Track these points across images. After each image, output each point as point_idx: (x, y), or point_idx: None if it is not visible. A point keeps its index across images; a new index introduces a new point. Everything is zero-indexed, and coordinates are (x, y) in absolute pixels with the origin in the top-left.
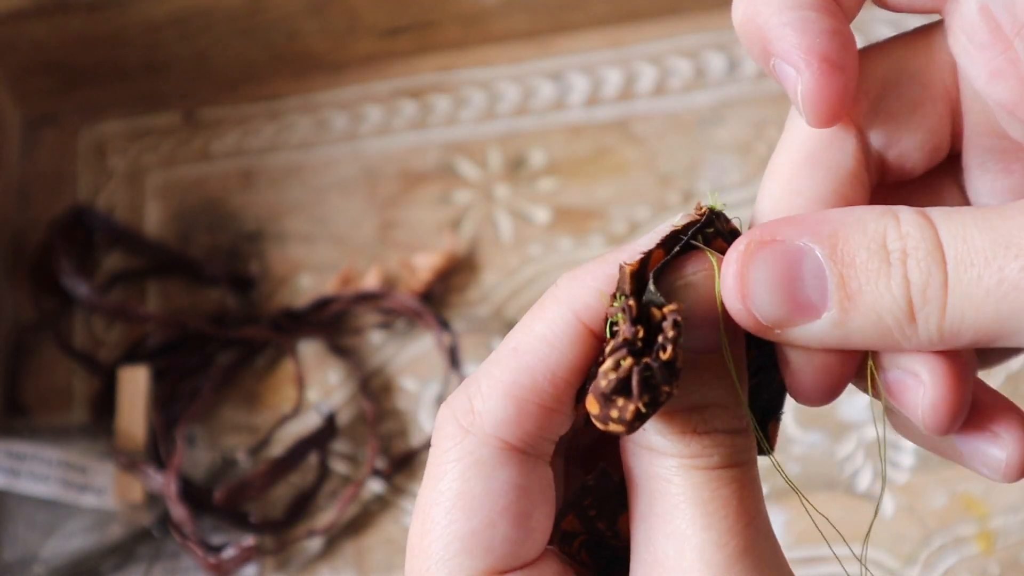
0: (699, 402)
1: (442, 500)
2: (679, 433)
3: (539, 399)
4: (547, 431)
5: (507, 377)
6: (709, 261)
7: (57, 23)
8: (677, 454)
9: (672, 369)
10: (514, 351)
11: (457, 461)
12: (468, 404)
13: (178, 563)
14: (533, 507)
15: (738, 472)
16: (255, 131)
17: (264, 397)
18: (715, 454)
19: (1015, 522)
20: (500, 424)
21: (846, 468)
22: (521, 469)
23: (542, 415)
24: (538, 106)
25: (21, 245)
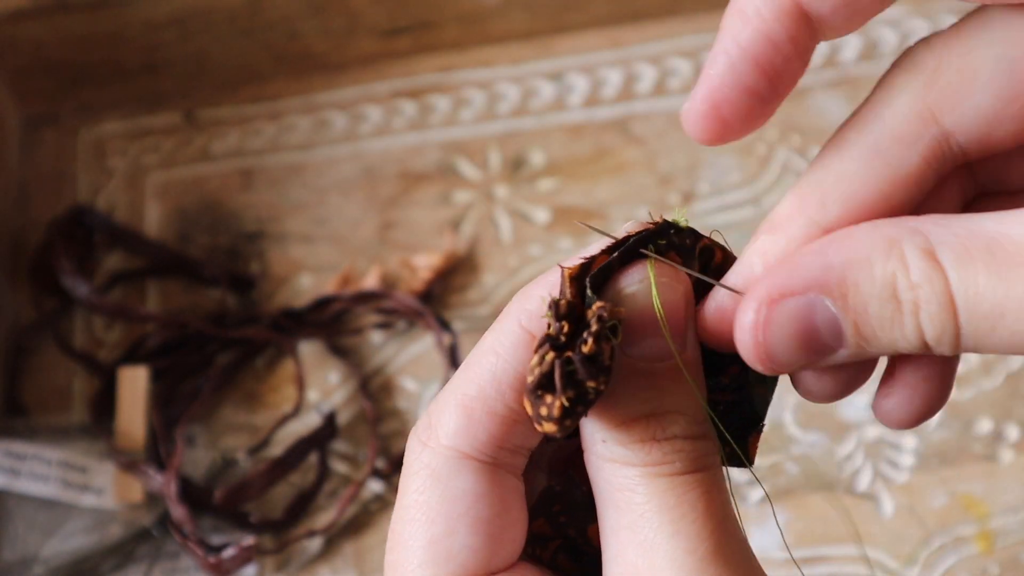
0: (656, 409)
1: (404, 515)
2: (639, 441)
3: (487, 406)
4: (503, 440)
5: (457, 388)
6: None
7: (57, 23)
8: (639, 463)
9: (596, 363)
10: (466, 366)
11: (416, 474)
12: (427, 420)
13: (178, 563)
14: (494, 515)
15: (702, 476)
16: (255, 131)
17: (264, 397)
18: (677, 460)
19: (1015, 522)
20: (451, 434)
21: (846, 468)
22: (478, 477)
23: (493, 422)
24: (538, 106)
25: (21, 245)
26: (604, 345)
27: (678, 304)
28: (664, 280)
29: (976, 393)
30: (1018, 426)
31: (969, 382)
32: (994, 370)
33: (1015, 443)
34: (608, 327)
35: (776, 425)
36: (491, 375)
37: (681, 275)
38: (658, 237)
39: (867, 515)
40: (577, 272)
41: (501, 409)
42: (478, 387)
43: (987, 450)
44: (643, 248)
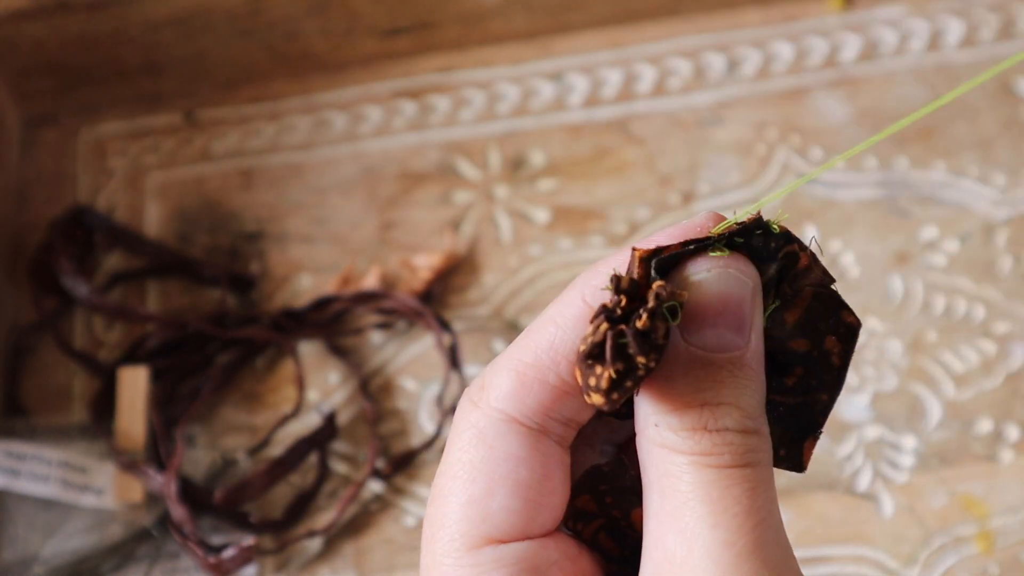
0: (711, 399)
1: (447, 470)
2: (690, 429)
3: (540, 374)
4: (552, 409)
5: (514, 354)
6: (724, 260)
7: (57, 23)
8: (688, 451)
9: (647, 339)
10: (525, 334)
11: (463, 432)
12: (480, 381)
13: (178, 563)
14: (536, 480)
15: (750, 472)
16: (255, 131)
17: (264, 397)
18: (726, 452)
19: (1015, 522)
20: (502, 397)
21: (846, 468)
22: (523, 441)
23: (544, 391)
24: (538, 106)
25: (21, 245)
26: (658, 323)
27: (743, 298)
28: (733, 271)
29: (976, 393)
30: (1018, 426)
31: (969, 382)
32: (994, 370)
33: (1015, 443)
34: (666, 307)
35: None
36: (548, 344)
37: (751, 270)
38: (740, 235)
39: (867, 515)
40: (648, 255)
41: (554, 379)
42: (534, 355)
43: (987, 450)
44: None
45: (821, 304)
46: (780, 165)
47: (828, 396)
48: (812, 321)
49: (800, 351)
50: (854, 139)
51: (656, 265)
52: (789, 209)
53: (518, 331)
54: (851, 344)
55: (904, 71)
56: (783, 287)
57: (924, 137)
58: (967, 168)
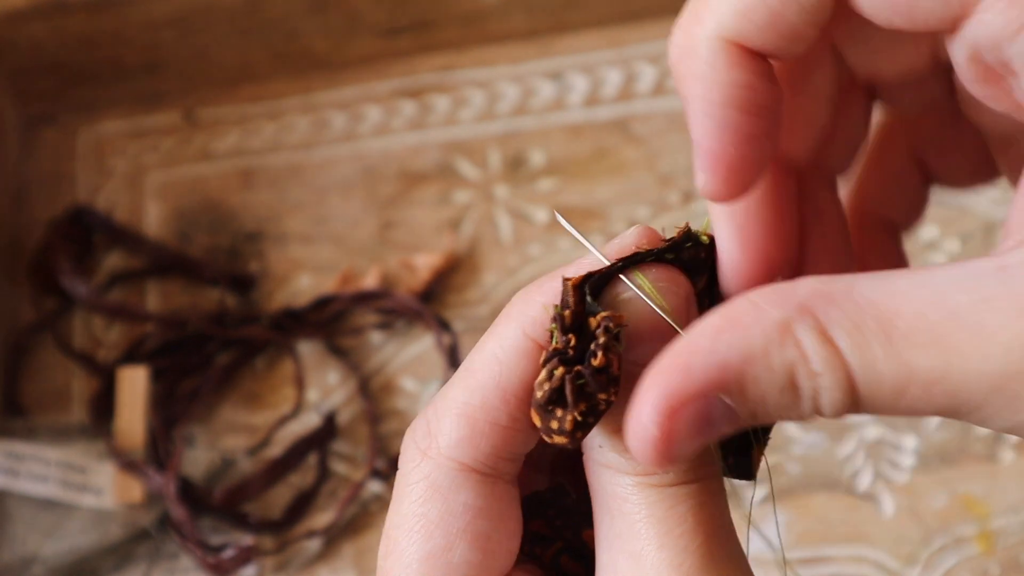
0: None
1: (402, 523)
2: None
3: (491, 417)
4: (504, 450)
5: (460, 397)
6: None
7: (56, 23)
8: (632, 471)
9: (606, 375)
10: (466, 371)
11: (416, 484)
12: (426, 427)
13: (177, 563)
14: (492, 528)
15: (695, 488)
16: (255, 131)
17: (263, 397)
18: (670, 471)
19: (1016, 522)
20: (454, 446)
21: (846, 468)
22: (479, 491)
23: (496, 434)
24: (538, 106)
25: (20, 245)
26: (612, 356)
27: (678, 307)
28: (662, 284)
29: None
30: None
31: None
32: None
33: (1016, 443)
34: (614, 336)
35: (777, 425)
36: (495, 384)
37: (680, 279)
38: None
39: (868, 515)
40: (580, 281)
41: (504, 420)
42: (481, 396)
43: (988, 450)
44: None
45: None
46: None
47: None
48: None
49: None
50: None
51: (589, 289)
52: None
53: None
54: None
55: None
56: (716, 291)
57: None
58: None
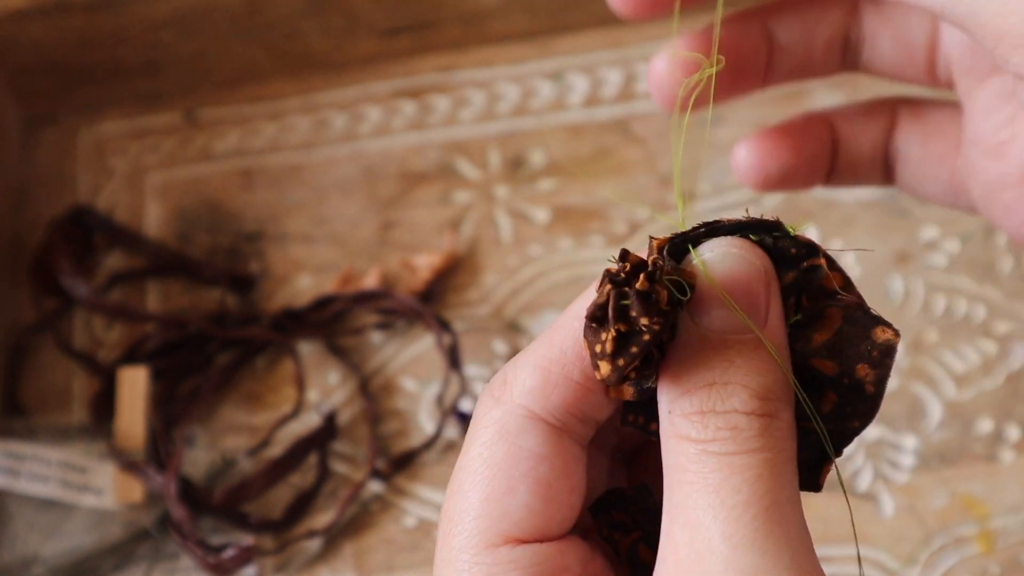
0: (719, 379)
1: (468, 465)
2: (697, 412)
3: (564, 370)
4: (574, 406)
5: (539, 350)
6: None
7: (56, 23)
8: (694, 437)
9: (647, 300)
10: (551, 328)
11: (486, 428)
12: (503, 377)
13: (178, 563)
14: (556, 480)
15: (754, 459)
16: (255, 131)
17: (264, 397)
18: (729, 438)
19: (1016, 522)
20: (526, 393)
21: (846, 468)
22: (545, 439)
23: (568, 387)
24: (538, 106)
25: (21, 245)
26: (658, 287)
27: (752, 279)
28: (735, 251)
29: (977, 393)
30: (1019, 426)
31: (970, 382)
32: (995, 370)
33: (1016, 443)
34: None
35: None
36: (574, 339)
37: (760, 254)
38: (755, 231)
39: (867, 515)
40: (664, 243)
41: (577, 375)
42: (559, 350)
43: (988, 450)
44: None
45: (853, 328)
46: None
47: (860, 423)
48: (841, 346)
49: (827, 374)
50: None
51: (669, 250)
52: (790, 210)
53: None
54: (887, 366)
55: None
56: (802, 300)
57: None
58: None
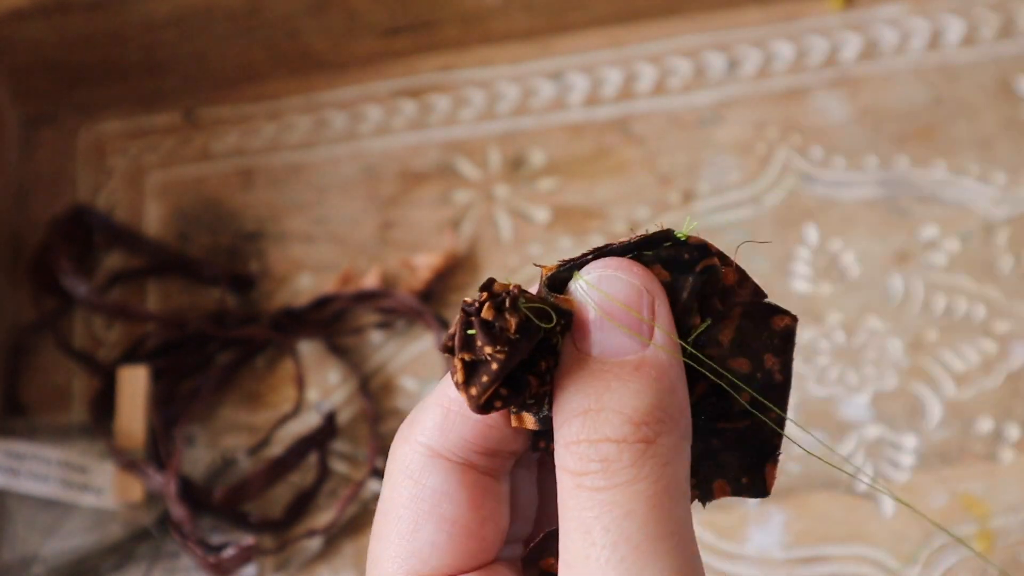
0: (593, 406)
1: (380, 506)
2: (572, 442)
3: (463, 407)
4: (478, 443)
5: (440, 388)
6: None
7: (56, 22)
8: (570, 469)
9: (491, 330)
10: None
11: (393, 468)
12: (411, 417)
13: (178, 563)
14: (462, 515)
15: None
16: (255, 131)
17: (264, 397)
18: (601, 472)
19: (1015, 522)
20: (427, 431)
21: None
22: (447, 477)
23: (466, 424)
24: (538, 106)
25: (21, 245)
26: (507, 315)
27: (630, 296)
28: (611, 273)
29: (976, 392)
30: (1018, 426)
31: (969, 381)
32: (995, 369)
33: (1015, 443)
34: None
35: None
36: None
37: (643, 272)
38: (646, 247)
39: (867, 515)
40: (552, 270)
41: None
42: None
43: (987, 450)
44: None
45: (751, 321)
46: (780, 164)
47: (776, 415)
48: (746, 340)
49: (743, 371)
50: (854, 138)
51: (548, 281)
52: (790, 209)
53: None
54: (789, 351)
55: (904, 70)
56: (713, 302)
57: (924, 136)
58: (967, 167)
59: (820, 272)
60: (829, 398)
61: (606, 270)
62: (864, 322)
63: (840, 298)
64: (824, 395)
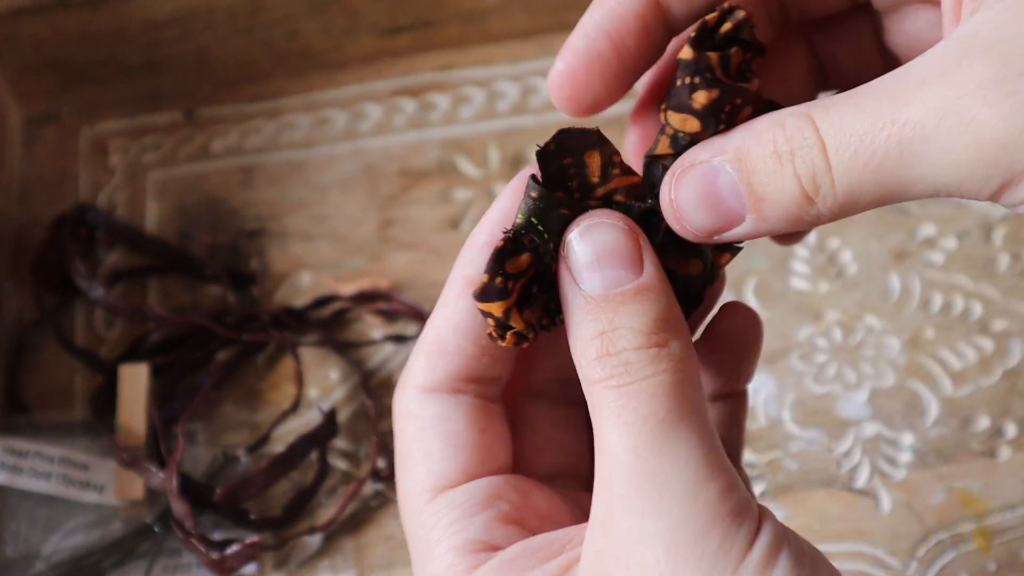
0: (607, 327)
1: (396, 452)
2: (596, 358)
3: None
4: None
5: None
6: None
7: (58, 21)
8: (597, 378)
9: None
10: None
11: (397, 418)
12: (403, 373)
13: (179, 560)
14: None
15: (648, 383)
16: (255, 130)
17: (264, 394)
18: (624, 372)
19: (1013, 518)
20: (416, 375)
21: (844, 465)
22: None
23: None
24: (538, 104)
25: (23, 243)
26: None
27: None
28: (597, 221)
29: (974, 390)
30: (1016, 423)
31: (967, 379)
32: (992, 367)
33: (1013, 440)
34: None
35: (774, 422)
36: (443, 322)
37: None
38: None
39: (865, 512)
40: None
41: (452, 347)
42: (435, 333)
43: (985, 447)
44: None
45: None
46: None
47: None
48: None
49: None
50: None
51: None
52: None
53: None
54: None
55: None
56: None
57: None
58: None
59: (818, 270)
60: (827, 395)
61: (593, 219)
62: (862, 320)
63: (838, 296)
64: (822, 392)
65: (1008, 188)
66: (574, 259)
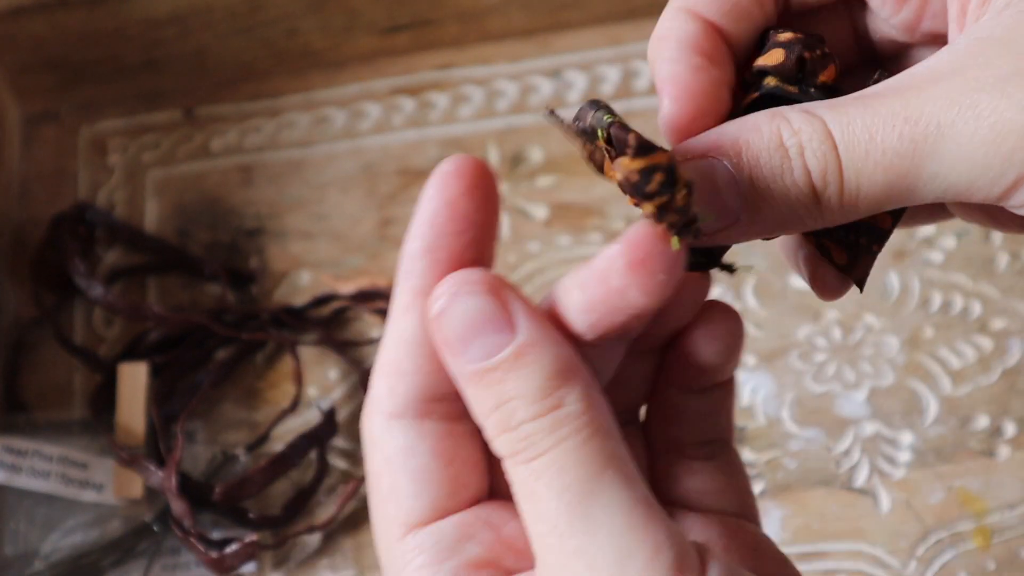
0: (499, 400)
1: (369, 483)
2: (499, 434)
3: (398, 367)
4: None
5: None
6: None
7: (57, 20)
8: (504, 454)
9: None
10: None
11: (365, 446)
12: (369, 395)
13: (178, 559)
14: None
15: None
16: (255, 128)
17: (264, 393)
18: (528, 447)
19: (1012, 517)
20: (379, 399)
21: (843, 464)
22: (405, 433)
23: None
24: (537, 103)
25: (22, 242)
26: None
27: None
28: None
29: (973, 389)
30: (1015, 422)
31: (966, 378)
32: (991, 366)
33: (1012, 439)
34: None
35: (774, 421)
36: (395, 339)
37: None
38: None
39: (864, 511)
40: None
41: (408, 366)
42: (390, 354)
43: (984, 446)
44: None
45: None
46: None
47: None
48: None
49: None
50: None
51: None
52: None
53: None
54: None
55: None
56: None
57: None
58: None
59: None
60: (826, 394)
61: (448, 291)
62: (861, 319)
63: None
64: (821, 391)
65: (1022, 184)
66: (445, 337)
